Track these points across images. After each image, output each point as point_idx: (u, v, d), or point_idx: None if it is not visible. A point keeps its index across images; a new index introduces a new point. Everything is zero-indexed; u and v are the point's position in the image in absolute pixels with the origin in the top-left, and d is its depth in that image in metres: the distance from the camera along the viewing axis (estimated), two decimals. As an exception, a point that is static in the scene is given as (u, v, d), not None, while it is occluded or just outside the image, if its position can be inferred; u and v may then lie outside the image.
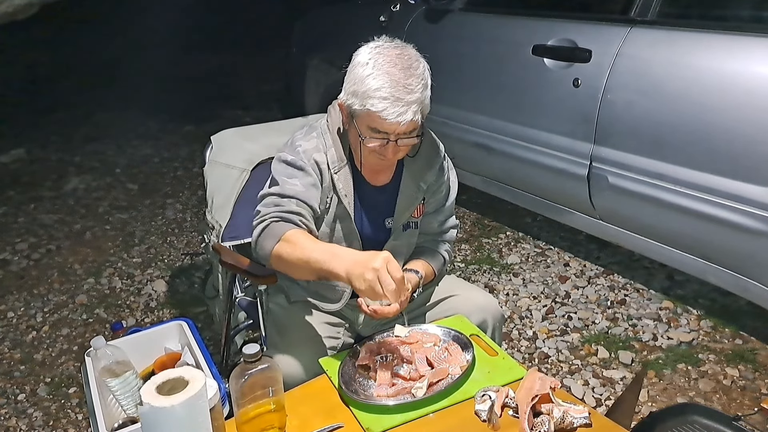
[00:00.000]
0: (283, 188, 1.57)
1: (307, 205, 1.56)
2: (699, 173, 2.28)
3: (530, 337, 2.69)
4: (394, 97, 1.42)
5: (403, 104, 1.43)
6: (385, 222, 1.71)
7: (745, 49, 2.18)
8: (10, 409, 2.42)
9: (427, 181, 1.72)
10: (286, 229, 1.48)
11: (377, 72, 1.44)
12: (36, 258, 3.56)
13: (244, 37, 8.63)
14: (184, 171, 4.83)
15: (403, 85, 1.43)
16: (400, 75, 1.44)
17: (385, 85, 1.43)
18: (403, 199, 1.69)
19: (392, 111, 1.42)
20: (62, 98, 6.67)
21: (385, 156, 1.53)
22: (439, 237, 1.83)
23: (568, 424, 1.24)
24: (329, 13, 4.53)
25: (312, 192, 1.58)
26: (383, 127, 1.46)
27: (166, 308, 3.03)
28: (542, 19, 2.90)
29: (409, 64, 1.47)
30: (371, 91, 1.43)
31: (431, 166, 1.72)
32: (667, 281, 2.99)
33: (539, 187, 3.02)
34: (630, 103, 2.45)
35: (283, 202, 1.54)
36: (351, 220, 1.64)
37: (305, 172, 1.58)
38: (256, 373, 1.21)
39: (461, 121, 3.24)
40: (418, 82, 1.46)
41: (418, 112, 1.46)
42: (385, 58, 1.46)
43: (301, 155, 1.59)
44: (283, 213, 1.52)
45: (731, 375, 2.39)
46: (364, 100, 1.44)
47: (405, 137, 1.50)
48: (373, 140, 1.50)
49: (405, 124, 1.44)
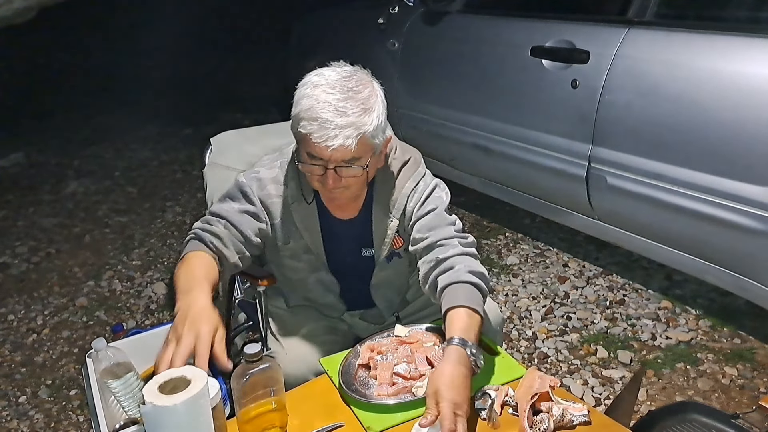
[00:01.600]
0: (220, 207, 1.55)
1: (236, 229, 1.51)
2: (697, 173, 2.28)
3: (529, 337, 2.70)
4: (322, 119, 1.33)
5: (333, 127, 1.33)
6: (362, 251, 1.65)
7: (743, 49, 2.19)
8: (11, 412, 2.43)
9: (399, 209, 1.58)
10: (193, 248, 1.46)
11: (312, 92, 1.36)
12: (36, 261, 3.56)
13: (242, 40, 8.64)
14: (183, 174, 4.83)
15: (335, 108, 1.34)
16: (334, 97, 1.35)
17: (315, 106, 1.34)
18: (378, 232, 1.62)
19: (320, 134, 1.33)
20: (61, 102, 6.68)
21: (325, 185, 1.43)
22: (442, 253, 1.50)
23: (568, 422, 1.24)
24: (328, 16, 4.54)
25: (244, 218, 1.53)
26: (316, 152, 1.37)
27: (166, 310, 3.03)
28: (540, 21, 2.91)
29: (350, 87, 1.37)
30: (303, 111, 1.36)
31: (400, 191, 1.58)
32: (665, 281, 3.00)
33: (538, 188, 3.02)
34: (628, 104, 2.46)
35: (212, 221, 1.52)
36: (317, 253, 1.62)
37: (246, 199, 1.55)
38: (257, 373, 1.21)
39: (460, 122, 3.25)
40: (355, 106, 1.35)
41: (352, 137, 1.34)
42: (325, 79, 1.38)
43: (253, 183, 1.55)
44: (203, 231, 1.49)
45: (730, 374, 2.39)
46: (298, 123, 1.37)
47: (344, 166, 1.40)
48: (311, 166, 1.41)
49: (334, 149, 1.34)
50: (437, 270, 1.47)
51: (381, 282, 1.70)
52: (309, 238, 1.59)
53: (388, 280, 1.70)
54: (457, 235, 1.53)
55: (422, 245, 1.53)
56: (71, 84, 7.30)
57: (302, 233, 1.58)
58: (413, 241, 1.57)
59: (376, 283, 1.70)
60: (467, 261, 1.47)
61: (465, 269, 1.44)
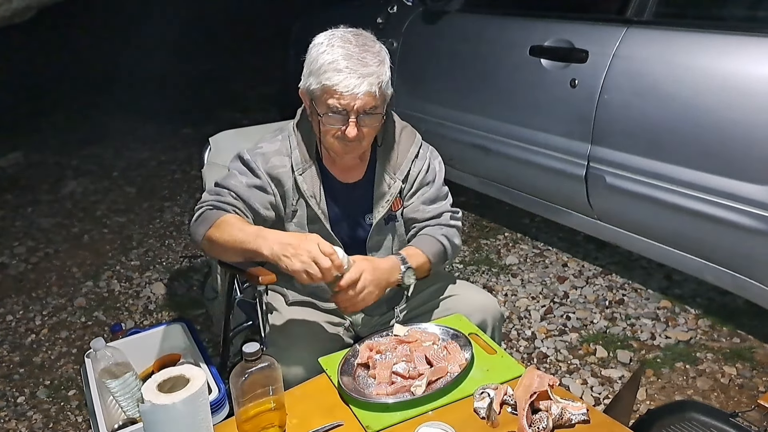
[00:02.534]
0: (227, 181, 1.61)
1: (245, 203, 1.59)
2: (696, 172, 2.28)
3: (529, 337, 2.70)
4: (348, 69, 1.44)
5: (358, 75, 1.44)
6: (365, 218, 1.71)
7: (741, 48, 2.19)
8: (10, 412, 2.42)
9: (402, 171, 1.70)
10: (220, 215, 1.52)
11: (331, 48, 1.47)
12: (34, 261, 3.56)
13: (241, 39, 8.64)
14: (182, 174, 4.83)
15: (357, 58, 1.45)
16: (354, 49, 1.46)
17: (338, 58, 1.45)
18: (379, 193, 1.69)
19: (347, 83, 1.44)
20: (59, 101, 6.67)
21: (347, 137, 1.51)
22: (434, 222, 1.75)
23: (567, 421, 1.24)
24: (327, 15, 4.52)
25: (253, 192, 1.60)
26: (341, 102, 1.46)
27: (164, 310, 3.03)
28: (539, 20, 2.91)
29: (364, 42, 1.50)
30: (326, 65, 1.45)
31: (404, 155, 1.70)
32: (665, 281, 3.00)
33: (537, 188, 3.02)
34: (627, 103, 2.46)
35: (222, 192, 1.58)
36: (323, 222, 1.64)
37: (253, 174, 1.61)
38: (256, 372, 1.21)
39: (458, 122, 3.25)
40: (374, 57, 1.48)
41: (374, 85, 1.46)
42: (339, 37, 1.50)
43: (257, 157, 1.62)
44: (219, 202, 1.56)
45: (729, 373, 2.39)
46: (320, 76, 1.46)
47: (365, 115, 1.49)
48: (333, 119, 1.50)
49: (362, 95, 1.45)
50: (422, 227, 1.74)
51: (376, 245, 1.73)
52: (315, 204, 1.63)
53: (383, 245, 1.73)
54: (450, 210, 1.78)
55: (421, 215, 1.73)
56: (70, 83, 7.29)
57: (308, 200, 1.63)
58: (413, 208, 1.74)
59: (371, 246, 1.72)
60: (449, 231, 1.73)
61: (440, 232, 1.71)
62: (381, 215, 1.69)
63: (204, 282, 3.10)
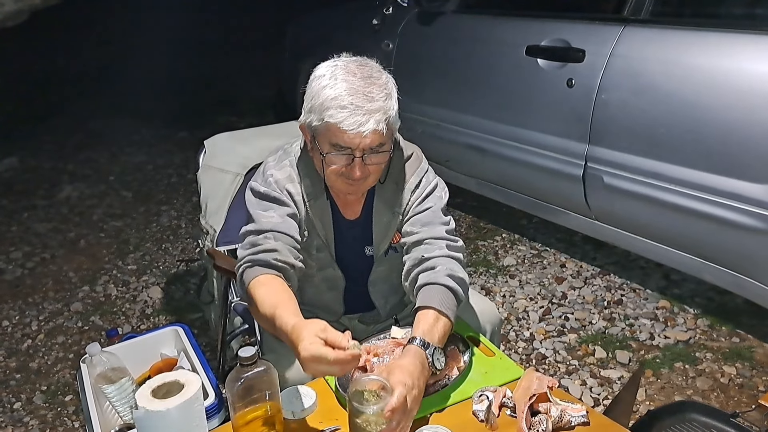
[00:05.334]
0: (260, 223, 1.49)
1: (287, 235, 1.47)
2: (694, 171, 2.28)
3: (527, 338, 2.69)
4: (353, 105, 1.33)
5: (363, 112, 1.33)
6: (365, 250, 1.66)
7: (738, 46, 2.19)
8: (6, 418, 2.40)
9: (402, 205, 1.59)
10: (254, 276, 1.41)
11: (334, 82, 1.36)
12: (30, 267, 3.54)
13: (237, 42, 8.63)
14: (178, 178, 4.81)
15: (363, 93, 1.34)
16: (359, 83, 1.35)
17: (342, 93, 1.34)
18: (378, 230, 1.62)
19: (352, 120, 1.33)
20: (54, 106, 6.65)
21: (351, 177, 1.42)
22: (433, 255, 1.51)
23: (566, 423, 1.23)
24: (322, 17, 4.54)
25: (289, 222, 1.50)
26: (345, 141, 1.36)
27: (161, 315, 3.02)
28: (535, 20, 2.91)
29: (369, 74, 1.39)
30: (328, 101, 1.34)
31: (404, 188, 1.59)
32: (663, 281, 2.99)
33: (534, 189, 3.02)
34: (624, 103, 2.46)
35: (259, 240, 1.46)
36: (328, 251, 1.61)
37: (280, 202, 1.51)
38: (252, 376, 1.20)
39: (455, 123, 3.25)
40: (380, 91, 1.36)
41: (381, 122, 1.35)
42: (342, 69, 1.38)
43: (273, 186, 1.52)
44: (255, 256, 1.44)
45: (728, 373, 2.39)
46: (322, 113, 1.35)
47: (371, 153, 1.40)
48: (337, 158, 1.40)
49: (368, 134, 1.34)
50: (419, 268, 1.50)
51: (378, 278, 1.69)
52: (324, 233, 1.59)
53: (386, 276, 1.69)
54: (447, 237, 1.55)
55: (411, 239, 1.55)
56: (65, 88, 7.27)
57: (318, 230, 1.58)
58: (404, 233, 1.59)
59: (373, 279, 1.69)
60: (450, 264, 1.48)
61: (445, 272, 1.45)
62: (382, 250, 1.64)
63: (200, 286, 3.08)
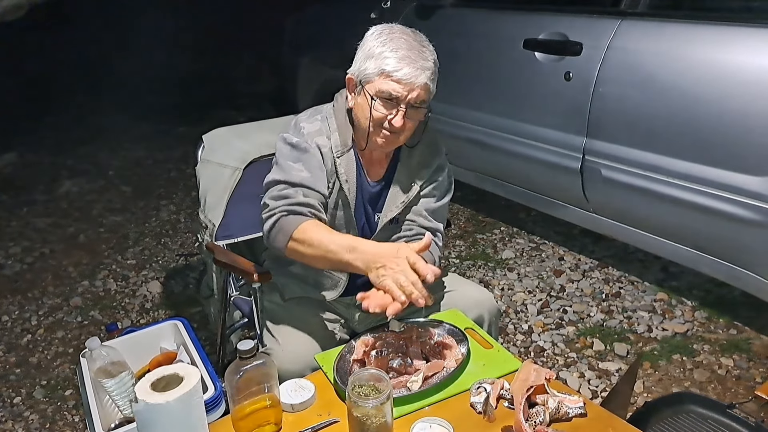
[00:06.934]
0: (290, 175, 1.56)
1: (316, 192, 1.56)
2: (692, 164, 2.28)
3: (526, 331, 2.70)
4: (410, 58, 1.46)
5: (418, 67, 1.47)
6: (375, 216, 1.71)
7: (736, 39, 2.19)
8: (6, 413, 2.41)
9: (422, 178, 1.70)
10: (297, 224, 1.48)
11: (392, 35, 1.50)
12: (30, 262, 3.55)
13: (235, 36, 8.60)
14: (177, 172, 4.81)
15: (418, 50, 1.48)
16: (414, 43, 1.50)
17: (402, 47, 1.47)
18: (393, 193, 1.68)
19: (408, 71, 1.46)
20: (53, 101, 6.65)
21: (392, 126, 1.52)
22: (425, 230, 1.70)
23: (563, 414, 1.24)
24: (320, 12, 4.53)
25: (318, 175, 1.58)
26: (395, 90, 1.47)
27: (161, 309, 3.02)
28: (533, 13, 2.91)
29: (421, 39, 1.53)
30: (387, 51, 1.47)
31: (427, 164, 1.70)
32: (661, 273, 3.00)
33: (533, 182, 3.02)
34: (622, 96, 2.46)
35: (291, 193, 1.54)
36: (350, 207, 1.64)
37: (310, 154, 1.58)
38: (251, 369, 1.21)
39: (453, 117, 3.24)
40: (431, 54, 1.51)
41: (430, 79, 1.49)
42: (397, 31, 1.52)
43: (304, 138, 1.59)
44: (291, 206, 1.51)
45: (726, 365, 2.40)
46: (380, 61, 1.47)
47: (412, 108, 1.51)
48: (383, 106, 1.50)
49: (419, 87, 1.47)
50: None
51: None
52: (348, 189, 1.63)
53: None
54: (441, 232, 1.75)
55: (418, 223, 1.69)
56: (64, 82, 7.26)
57: (343, 184, 1.62)
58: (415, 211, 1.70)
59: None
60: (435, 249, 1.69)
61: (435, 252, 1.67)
62: (389, 217, 1.68)
63: (200, 280, 3.09)
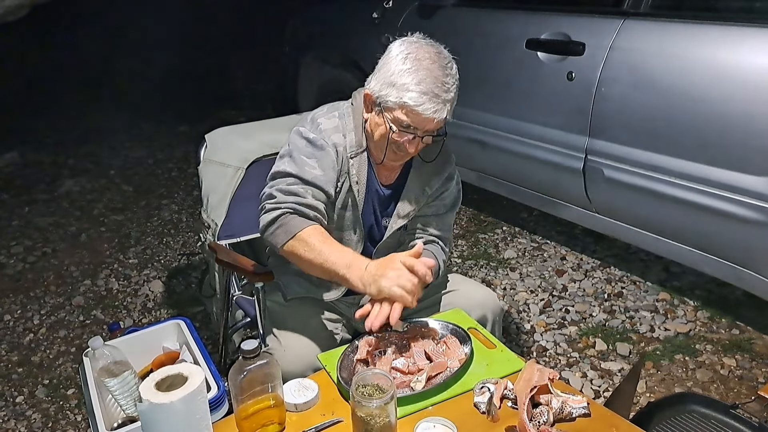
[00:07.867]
0: (303, 170, 1.55)
1: (324, 192, 1.55)
2: (694, 164, 2.28)
3: (528, 330, 2.70)
4: (432, 93, 1.44)
5: (440, 101, 1.46)
6: (383, 221, 1.71)
7: (739, 39, 2.18)
8: (9, 412, 2.41)
9: (432, 187, 1.71)
10: (302, 227, 1.48)
11: (416, 67, 1.46)
12: (32, 261, 3.55)
13: (237, 36, 8.60)
14: (178, 172, 4.82)
15: (441, 83, 1.46)
16: (438, 72, 1.46)
17: (425, 80, 1.44)
18: (406, 201, 1.68)
19: (429, 107, 1.45)
20: (55, 100, 6.65)
21: (405, 151, 1.54)
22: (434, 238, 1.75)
23: (567, 415, 1.24)
24: (322, 11, 4.52)
25: (330, 175, 1.57)
26: (415, 122, 1.48)
27: (163, 308, 3.02)
28: (535, 13, 2.90)
29: (445, 64, 1.50)
30: (411, 84, 1.45)
31: (439, 173, 1.72)
32: (663, 273, 3.00)
33: (535, 182, 3.02)
34: (624, 96, 2.46)
35: (301, 191, 1.53)
36: (358, 209, 1.64)
37: (326, 152, 1.57)
38: (254, 369, 1.21)
39: (455, 116, 3.22)
40: (453, 82, 1.50)
41: (449, 111, 1.49)
42: (423, 53, 1.48)
43: (321, 134, 1.58)
44: (300, 206, 1.51)
45: (728, 365, 2.40)
46: (402, 93, 1.45)
47: (430, 134, 1.52)
48: (403, 133, 1.50)
49: (438, 120, 1.48)
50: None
51: (384, 249, 1.72)
52: (358, 191, 1.62)
53: (390, 248, 1.72)
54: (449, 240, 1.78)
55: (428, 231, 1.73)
56: (65, 82, 7.25)
57: (353, 185, 1.61)
58: (423, 219, 1.73)
59: (380, 249, 1.72)
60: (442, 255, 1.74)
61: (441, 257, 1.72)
62: (399, 225, 1.69)
63: (202, 279, 3.09)
